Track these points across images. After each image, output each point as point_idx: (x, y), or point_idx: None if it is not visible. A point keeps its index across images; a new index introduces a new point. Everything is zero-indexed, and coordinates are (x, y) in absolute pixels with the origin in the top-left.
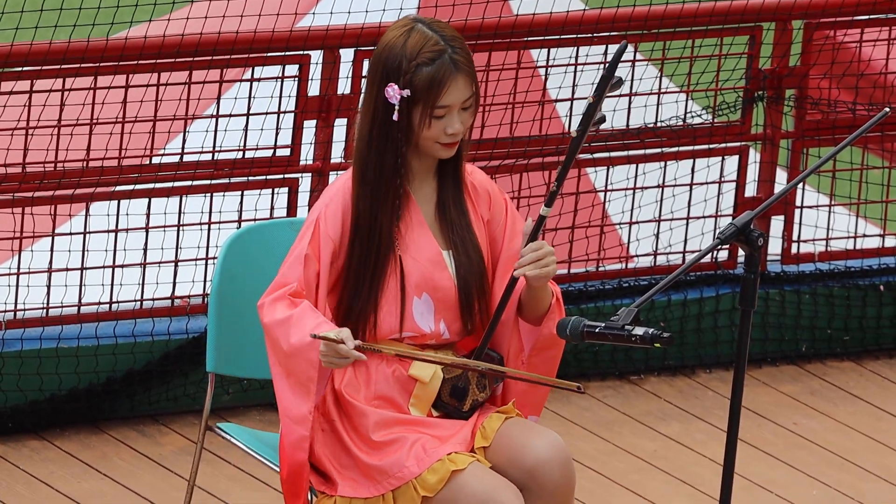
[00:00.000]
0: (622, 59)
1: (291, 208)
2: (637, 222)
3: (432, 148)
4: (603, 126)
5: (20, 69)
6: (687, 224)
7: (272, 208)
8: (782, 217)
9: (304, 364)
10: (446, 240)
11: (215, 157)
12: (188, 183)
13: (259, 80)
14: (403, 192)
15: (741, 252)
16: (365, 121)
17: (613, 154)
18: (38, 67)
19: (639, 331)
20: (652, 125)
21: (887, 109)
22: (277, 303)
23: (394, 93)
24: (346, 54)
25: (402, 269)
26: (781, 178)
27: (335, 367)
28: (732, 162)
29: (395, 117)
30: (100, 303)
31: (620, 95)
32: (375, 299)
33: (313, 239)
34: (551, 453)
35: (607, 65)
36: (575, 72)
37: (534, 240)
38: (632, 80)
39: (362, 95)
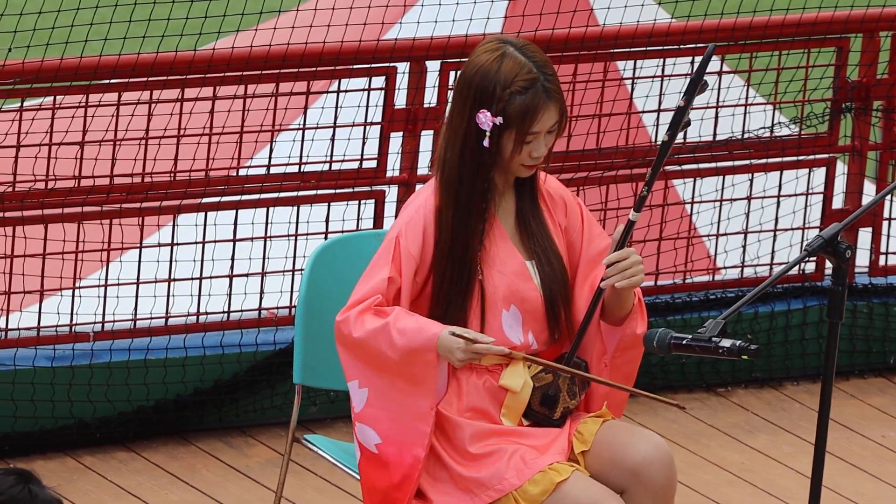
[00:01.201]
0: (709, 69)
1: (378, 219)
2: (724, 234)
3: (516, 170)
4: (690, 138)
5: (108, 81)
6: (774, 236)
7: (359, 219)
8: (870, 229)
9: (421, 365)
10: (528, 251)
11: (302, 169)
12: (275, 195)
13: (346, 91)
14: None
15: (829, 264)
16: (456, 143)
17: (701, 166)
18: (126, 80)
19: (726, 343)
20: (740, 137)
21: None
22: (364, 315)
23: (486, 119)
24: (433, 65)
25: (487, 284)
26: (869, 189)
27: (465, 363)
28: (820, 174)
29: (486, 143)
30: (188, 314)
31: (707, 107)
32: (465, 317)
33: (395, 258)
34: (655, 454)
35: (696, 68)
36: (661, 83)
37: (622, 245)
38: (718, 90)
39: (448, 113)
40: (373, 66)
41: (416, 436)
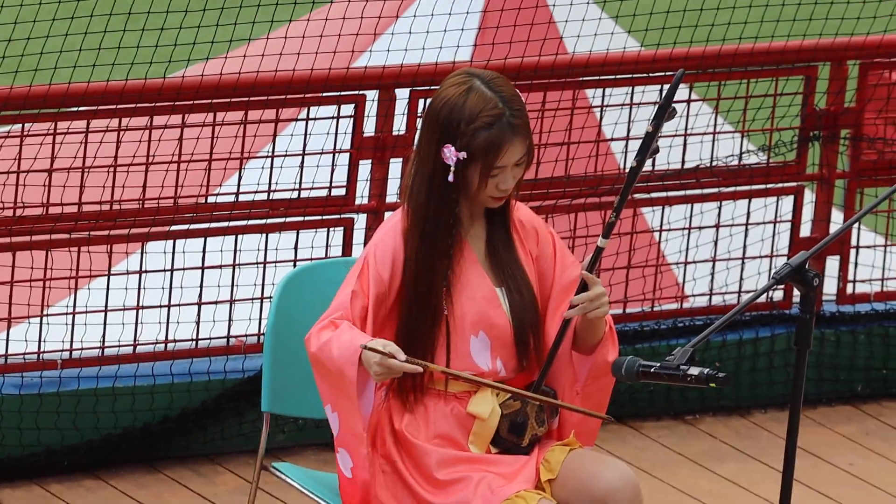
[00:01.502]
0: (677, 97)
1: (347, 247)
2: (693, 262)
3: (484, 201)
4: (659, 165)
5: (77, 108)
6: (742, 264)
7: (327, 247)
8: (838, 257)
9: (348, 379)
10: (498, 278)
11: (271, 197)
12: (244, 222)
13: (315, 119)
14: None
15: (797, 292)
16: (423, 178)
17: (670, 194)
18: (95, 107)
19: (694, 371)
20: (708, 165)
21: None
22: (322, 331)
23: (450, 154)
24: (402, 93)
25: (456, 309)
26: (837, 217)
27: (383, 378)
28: (788, 202)
29: (450, 179)
30: (156, 342)
31: (676, 135)
32: (433, 344)
33: (362, 275)
34: (622, 483)
35: (665, 94)
36: (630, 110)
37: (591, 271)
38: (687, 117)
39: (417, 144)
40: (342, 93)
41: (362, 459)
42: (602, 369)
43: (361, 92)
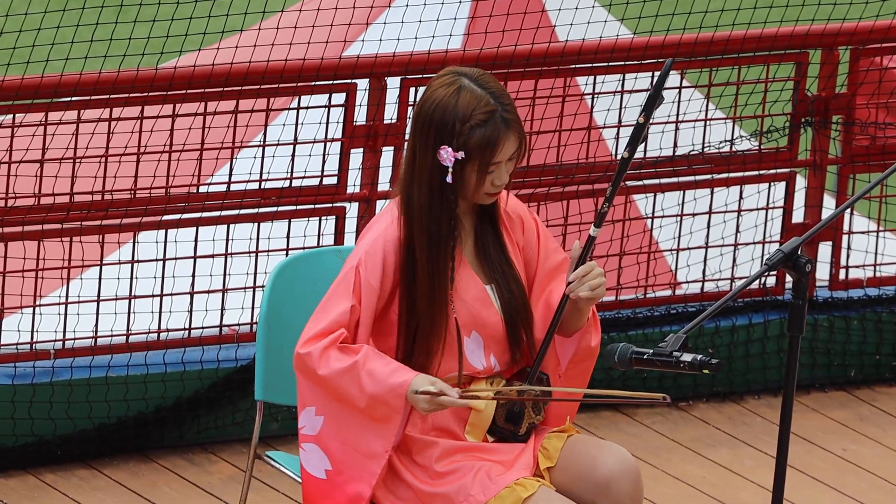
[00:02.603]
0: (668, 84)
1: (339, 236)
2: (686, 249)
3: (479, 198)
4: (651, 152)
5: (69, 99)
6: (735, 250)
7: (320, 235)
8: (830, 243)
9: (386, 409)
10: (487, 275)
11: (263, 186)
12: (236, 212)
13: (307, 108)
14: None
15: (789, 278)
16: (422, 182)
17: (662, 181)
18: (87, 97)
19: (687, 357)
20: (700, 152)
21: None
22: (329, 351)
23: (448, 155)
24: (393, 82)
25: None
26: (829, 203)
27: (431, 412)
28: (780, 188)
29: (449, 179)
30: (149, 331)
31: (668, 122)
32: (435, 347)
33: (355, 288)
34: (623, 467)
35: (654, 83)
36: (622, 98)
37: (583, 261)
38: (678, 104)
39: (410, 148)
40: (333, 82)
41: (366, 474)
42: (585, 353)
43: (352, 81)
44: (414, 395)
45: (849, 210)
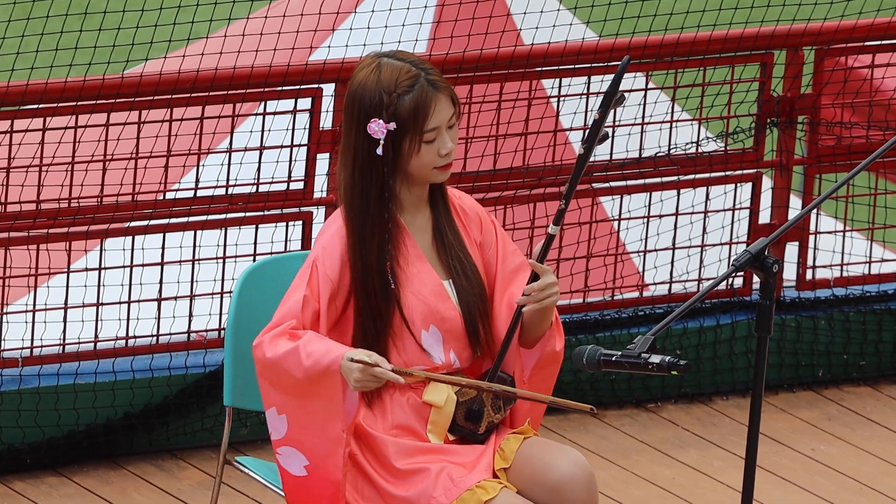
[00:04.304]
0: (635, 87)
1: (306, 241)
2: (653, 250)
3: (428, 174)
4: (617, 154)
5: (35, 106)
6: (702, 251)
7: (287, 241)
8: (797, 243)
9: (327, 386)
10: (445, 269)
11: (229, 192)
12: (203, 217)
13: (273, 113)
14: (397, 226)
15: (756, 279)
16: (346, 163)
17: (629, 182)
18: (53, 104)
19: (655, 359)
20: (666, 153)
21: None
22: (278, 339)
23: (378, 128)
24: None
25: (404, 305)
26: (795, 204)
27: (365, 388)
28: (747, 189)
29: (379, 151)
30: (116, 338)
31: (634, 123)
32: (386, 338)
33: (311, 280)
34: (576, 471)
35: (611, 81)
36: (587, 100)
37: (542, 259)
38: (644, 107)
39: (341, 137)
40: (299, 87)
41: (334, 459)
42: (549, 358)
43: (319, 86)
44: (349, 362)
45: (815, 210)
